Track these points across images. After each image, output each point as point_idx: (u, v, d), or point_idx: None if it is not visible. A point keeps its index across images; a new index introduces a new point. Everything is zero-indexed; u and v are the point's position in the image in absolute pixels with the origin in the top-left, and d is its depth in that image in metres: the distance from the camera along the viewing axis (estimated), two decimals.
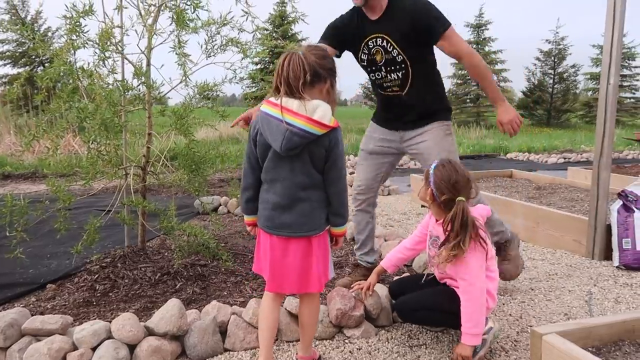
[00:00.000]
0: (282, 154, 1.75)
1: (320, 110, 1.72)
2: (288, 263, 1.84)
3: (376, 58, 2.59)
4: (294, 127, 1.70)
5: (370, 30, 2.53)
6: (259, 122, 1.79)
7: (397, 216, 5.08)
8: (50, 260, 3.56)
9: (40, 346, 1.94)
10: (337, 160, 1.81)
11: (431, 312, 2.15)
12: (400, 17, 2.45)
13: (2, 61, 16.93)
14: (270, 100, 1.79)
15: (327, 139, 1.75)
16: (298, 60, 1.72)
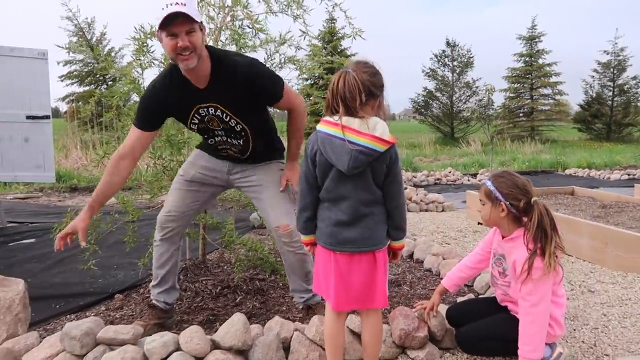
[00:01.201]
0: (348, 173, 1.76)
1: (380, 127, 1.73)
2: (352, 279, 1.83)
3: (212, 124, 2.34)
4: (359, 145, 1.71)
5: (199, 100, 2.23)
6: (318, 143, 1.80)
7: (453, 233, 4.96)
8: (117, 271, 3.72)
9: (113, 355, 2.01)
10: (397, 175, 1.83)
11: (495, 343, 2.09)
12: (231, 83, 2.18)
13: (70, 80, 18.05)
14: (328, 120, 1.79)
15: (388, 155, 1.77)
16: (353, 80, 1.73)
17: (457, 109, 22.24)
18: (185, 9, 1.99)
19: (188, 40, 2.03)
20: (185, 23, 2.01)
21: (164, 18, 1.98)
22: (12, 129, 5.53)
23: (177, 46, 2.03)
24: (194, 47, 2.05)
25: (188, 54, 2.05)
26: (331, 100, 1.77)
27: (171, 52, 2.06)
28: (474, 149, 15.96)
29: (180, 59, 2.07)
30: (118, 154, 2.29)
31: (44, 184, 8.59)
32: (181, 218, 2.52)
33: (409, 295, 3.07)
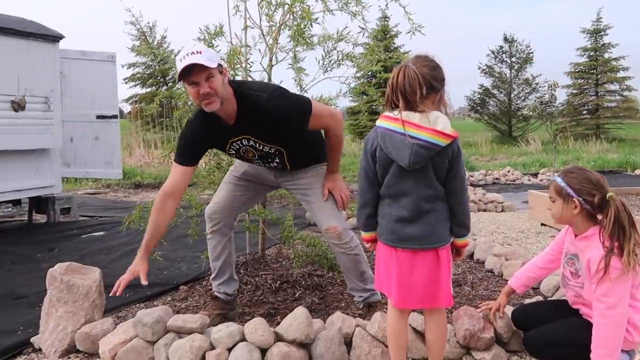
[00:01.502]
0: (409, 169, 1.73)
1: (441, 121, 1.70)
2: (415, 277, 1.80)
3: (248, 155, 2.43)
4: (420, 140, 1.68)
5: (232, 134, 2.33)
6: (378, 138, 1.78)
7: (515, 234, 4.80)
8: (181, 264, 3.87)
9: (183, 343, 2.10)
10: (460, 170, 1.79)
11: (566, 348, 1.97)
12: (257, 118, 2.24)
13: (133, 82, 18.93)
14: (388, 115, 1.77)
15: (450, 149, 1.73)
16: (413, 74, 1.71)
17: (515, 107, 21.45)
18: (200, 57, 2.08)
19: (208, 86, 2.12)
20: (203, 71, 2.10)
21: (181, 70, 2.08)
22: (83, 128, 5.88)
23: (200, 93, 2.13)
24: (215, 91, 2.14)
25: (211, 99, 2.14)
26: (391, 95, 1.76)
27: (196, 99, 2.17)
28: (534, 148, 15.33)
29: (205, 104, 2.16)
30: (163, 192, 2.37)
31: (111, 180, 9.06)
32: (228, 210, 2.59)
33: (470, 296, 3.00)
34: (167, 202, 2.34)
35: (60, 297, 2.33)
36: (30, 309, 2.95)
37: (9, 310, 2.96)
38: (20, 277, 3.63)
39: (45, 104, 5.25)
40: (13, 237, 5.05)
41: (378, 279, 1.96)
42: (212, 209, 2.59)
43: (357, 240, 2.49)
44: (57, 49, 5.39)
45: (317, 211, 2.50)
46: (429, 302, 1.84)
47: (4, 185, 5.04)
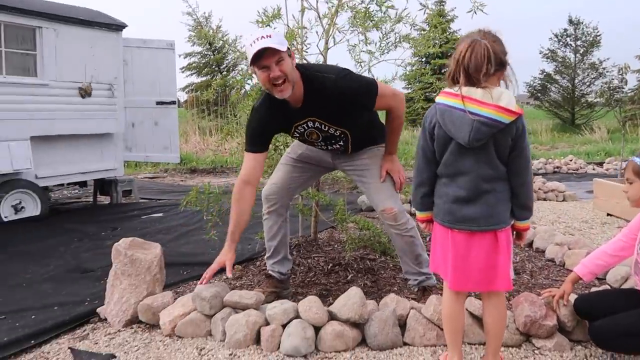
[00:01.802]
0: (468, 146, 1.67)
1: (505, 97, 1.63)
2: (471, 260, 1.74)
3: (312, 137, 2.44)
4: (481, 116, 1.61)
5: (298, 117, 2.34)
6: (437, 115, 1.73)
7: (578, 224, 4.57)
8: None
9: (239, 317, 2.15)
10: (524, 149, 1.71)
11: (638, 339, 1.86)
12: (325, 100, 2.24)
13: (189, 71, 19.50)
14: (448, 91, 1.71)
15: (514, 127, 1.66)
16: (484, 49, 1.63)
17: (579, 93, 20.30)
18: (270, 41, 2.08)
19: (279, 70, 2.12)
20: (274, 55, 2.10)
21: (253, 55, 2.08)
22: (144, 114, 6.11)
23: (270, 77, 2.13)
24: (285, 74, 2.14)
25: (281, 83, 2.14)
26: (455, 70, 1.68)
27: (266, 83, 2.17)
28: (599, 137, 14.48)
29: (276, 90, 2.17)
30: (240, 180, 2.41)
31: (168, 165, 9.40)
32: (285, 190, 2.61)
33: (529, 285, 2.88)
34: (245, 190, 2.39)
35: (124, 270, 2.44)
36: (96, 282, 3.11)
37: (77, 283, 3.13)
38: (86, 254, 3.84)
39: (109, 90, 5.50)
40: (79, 216, 5.34)
41: (433, 260, 1.91)
42: (270, 189, 2.61)
43: (413, 223, 2.44)
44: (120, 38, 5.62)
45: (373, 192, 2.48)
46: (486, 285, 1.78)
47: (72, 167, 5.35)
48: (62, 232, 4.56)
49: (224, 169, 9.37)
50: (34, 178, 5.00)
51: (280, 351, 2.07)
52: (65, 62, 5.11)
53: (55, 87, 5.06)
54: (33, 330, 2.38)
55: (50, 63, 5.01)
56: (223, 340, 2.17)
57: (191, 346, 2.18)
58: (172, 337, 2.27)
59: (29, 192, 4.93)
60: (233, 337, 2.11)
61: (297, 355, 2.04)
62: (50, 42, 4.99)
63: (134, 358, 2.11)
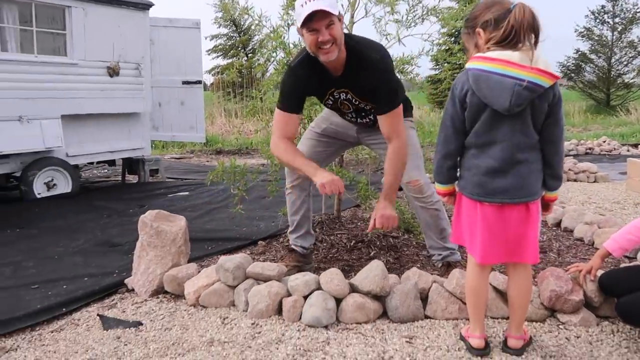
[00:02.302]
0: (507, 113, 1.60)
1: (542, 60, 1.58)
2: (502, 232, 1.70)
3: (344, 108, 2.42)
4: (522, 80, 1.55)
5: (334, 85, 2.30)
6: (470, 81, 1.64)
7: (609, 205, 4.43)
8: (259, 222, 3.99)
9: (261, 288, 2.17)
10: (561, 116, 1.67)
11: None
12: (361, 76, 2.21)
13: (215, 54, 19.60)
14: (482, 56, 1.63)
15: (552, 92, 1.61)
16: (530, 13, 1.58)
17: (616, 73, 19.53)
18: (322, 3, 2.02)
19: (328, 34, 2.07)
20: (325, 18, 2.05)
21: (304, 18, 2.02)
22: (170, 94, 6.18)
23: (319, 40, 2.07)
24: (335, 38, 2.09)
25: (329, 46, 2.09)
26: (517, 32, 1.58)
27: (313, 46, 2.12)
28: (635, 118, 13.95)
29: (322, 52, 2.11)
30: (277, 136, 2.34)
31: (194, 146, 9.52)
32: None
33: (556, 263, 2.82)
34: (287, 142, 2.33)
35: (150, 241, 2.49)
36: (124, 255, 3.19)
37: (106, 257, 3.22)
38: (115, 229, 3.94)
39: (136, 69, 5.57)
40: (108, 194, 5.48)
41: (457, 232, 1.87)
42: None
43: (438, 196, 2.41)
44: (147, 17, 5.66)
45: None
46: (515, 256, 1.75)
47: (101, 146, 5.47)
48: (91, 208, 4.69)
49: (249, 151, 9.44)
50: (65, 156, 5.13)
51: (302, 321, 2.09)
52: (93, 41, 5.20)
53: (84, 67, 5.15)
54: (64, 298, 2.46)
55: (79, 42, 5.10)
56: (245, 310, 2.20)
57: (215, 315, 2.22)
58: (196, 306, 2.32)
59: (60, 169, 5.07)
60: (255, 307, 2.14)
61: (318, 326, 2.06)
62: (79, 22, 5.07)
63: (159, 326, 2.16)
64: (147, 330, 2.14)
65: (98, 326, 2.20)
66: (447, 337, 1.97)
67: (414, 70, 3.40)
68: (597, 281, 2.07)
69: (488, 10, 1.65)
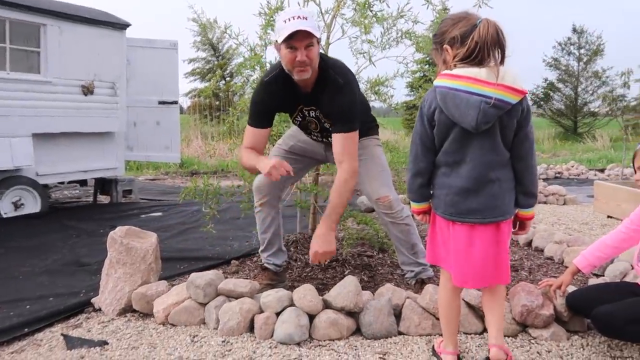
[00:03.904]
0: (474, 131, 1.58)
1: (509, 75, 1.55)
2: (474, 253, 1.67)
3: (311, 126, 2.47)
4: (488, 97, 1.53)
5: (305, 102, 2.36)
6: (438, 99, 1.62)
7: (577, 226, 4.54)
8: (232, 242, 3.94)
9: (233, 305, 2.14)
10: (530, 132, 1.64)
11: None
12: (325, 97, 2.27)
13: (193, 77, 19.62)
14: (448, 73, 1.60)
15: (520, 107, 1.59)
16: (498, 28, 1.57)
17: (582, 101, 20.28)
18: (307, 24, 2.07)
19: (306, 55, 2.11)
20: (306, 38, 2.10)
21: (287, 35, 2.05)
22: (146, 114, 6.13)
23: (296, 60, 2.11)
24: (311, 60, 2.14)
25: (304, 67, 2.14)
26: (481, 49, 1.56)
27: (289, 64, 2.16)
28: (601, 145, 14.43)
29: (297, 71, 2.16)
30: (245, 148, 2.38)
31: (169, 167, 9.41)
32: (276, 182, 2.53)
33: (527, 281, 2.84)
34: (250, 150, 2.36)
35: (119, 258, 2.43)
36: (92, 275, 3.10)
37: (73, 276, 3.13)
38: (84, 249, 3.82)
39: (112, 89, 5.52)
40: (79, 214, 5.34)
41: (432, 252, 1.83)
42: (261, 181, 2.57)
43: (409, 212, 2.43)
44: (124, 37, 5.65)
45: (366, 182, 2.46)
46: (489, 279, 1.71)
47: (73, 166, 5.35)
48: (60, 228, 4.56)
49: (225, 173, 9.37)
50: (34, 175, 5.00)
51: (274, 339, 2.05)
52: (68, 60, 5.14)
53: (58, 85, 5.08)
54: (27, 318, 2.37)
55: (54, 60, 5.03)
56: (216, 328, 2.15)
57: (184, 333, 2.16)
58: (165, 325, 2.26)
59: (29, 189, 4.93)
60: (226, 324, 2.10)
61: (290, 343, 2.02)
62: (54, 40, 5.02)
63: (125, 345, 2.09)
64: (112, 349, 2.07)
65: (61, 346, 2.12)
66: (420, 353, 1.96)
67: (388, 92, 3.47)
68: (565, 301, 2.08)
69: (455, 26, 1.64)
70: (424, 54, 3.92)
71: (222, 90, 16.55)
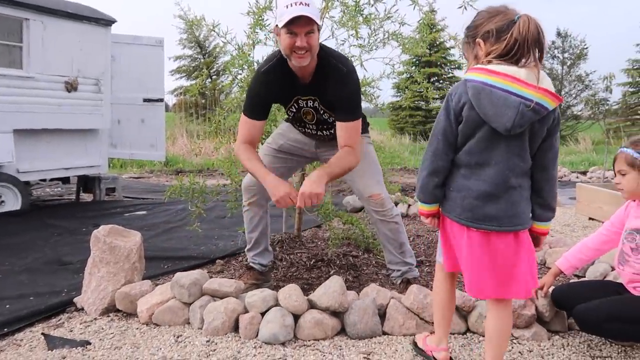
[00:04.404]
0: (506, 133, 1.47)
1: (547, 80, 1.47)
2: (490, 262, 1.56)
3: (307, 117, 2.42)
4: (527, 99, 1.43)
5: (302, 92, 2.32)
6: (470, 94, 1.50)
7: (560, 227, 4.60)
8: (217, 241, 3.92)
9: (217, 305, 2.12)
10: (557, 141, 1.57)
11: (628, 325, 1.85)
12: (327, 85, 2.25)
13: (179, 74, 19.47)
14: (485, 68, 1.49)
15: (553, 115, 1.51)
16: (536, 26, 1.46)
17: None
18: (309, 10, 2.05)
19: (306, 41, 2.09)
20: (307, 24, 2.07)
21: (288, 19, 2.03)
22: (130, 111, 6.06)
23: (295, 45, 2.09)
24: (311, 47, 2.11)
25: (303, 53, 2.10)
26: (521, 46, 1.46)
27: (287, 49, 2.12)
28: (584, 148, 14.70)
29: (295, 57, 2.12)
30: (241, 142, 2.35)
31: (153, 165, 9.33)
32: None
33: None
34: (248, 147, 2.34)
35: (102, 257, 2.40)
36: (75, 274, 3.05)
37: (55, 275, 3.08)
38: (66, 247, 3.77)
39: (96, 85, 5.44)
40: (61, 212, 5.26)
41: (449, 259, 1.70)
42: (250, 181, 2.55)
43: (398, 211, 2.45)
44: (109, 33, 5.58)
45: (357, 179, 2.46)
46: (504, 292, 1.60)
47: (55, 163, 5.27)
48: (42, 226, 4.48)
49: (211, 171, 9.32)
50: (15, 172, 4.91)
51: (259, 339, 2.05)
52: (51, 55, 5.06)
53: (40, 80, 4.99)
54: (6, 318, 2.32)
55: (37, 56, 4.95)
56: (201, 327, 2.14)
57: (168, 333, 2.14)
58: (149, 324, 2.23)
59: (9, 186, 4.84)
60: (211, 324, 2.09)
61: (275, 343, 2.02)
62: (37, 35, 4.93)
63: (108, 345, 2.07)
64: (95, 349, 2.04)
65: (42, 346, 2.08)
66: (404, 353, 1.97)
67: (375, 93, 3.49)
68: (550, 296, 2.13)
69: (490, 19, 1.54)
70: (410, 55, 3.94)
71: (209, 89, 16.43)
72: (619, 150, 1.99)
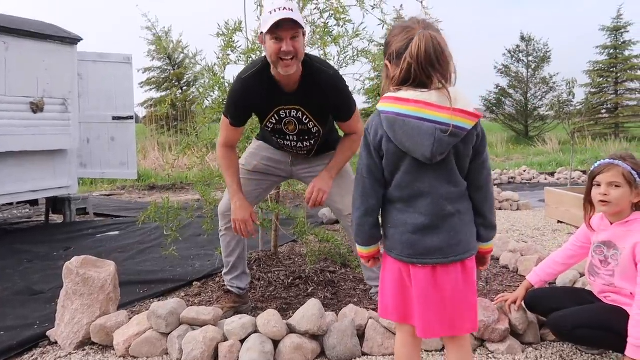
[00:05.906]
0: (428, 162, 1.39)
1: (461, 97, 1.37)
2: (438, 299, 1.44)
3: (288, 128, 2.38)
4: (443, 124, 1.34)
5: (285, 102, 2.29)
6: (385, 126, 1.41)
7: (530, 232, 4.73)
8: (194, 261, 3.89)
9: (196, 334, 2.11)
10: (487, 158, 1.47)
11: (596, 332, 1.92)
12: (315, 92, 2.25)
13: (148, 87, 19.19)
14: (393, 96, 1.39)
15: (475, 133, 1.41)
16: (439, 42, 1.35)
17: (532, 106, 21.21)
18: (293, 14, 2.05)
19: (292, 45, 2.08)
20: (292, 28, 2.06)
21: (273, 23, 2.02)
22: (100, 130, 5.96)
23: (281, 50, 2.07)
24: (296, 52, 2.10)
25: (290, 59, 2.09)
26: (413, 70, 1.35)
27: (274, 55, 2.10)
28: (551, 148, 15.12)
29: (282, 65, 2.10)
30: (222, 145, 2.41)
31: (125, 182, 9.17)
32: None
33: (484, 291, 2.96)
34: (229, 151, 2.42)
35: (76, 289, 2.36)
36: (47, 304, 2.98)
37: (25, 306, 2.99)
38: (36, 275, 3.67)
39: (63, 105, 5.33)
40: (30, 236, 5.12)
41: (385, 305, 1.56)
42: (226, 205, 2.53)
43: None
44: (75, 52, 5.47)
45: (336, 197, 2.46)
46: (457, 329, 1.48)
47: (22, 185, 5.13)
48: (10, 253, 4.35)
49: (184, 185, 9.21)
50: None
51: None
52: (15, 76, 4.93)
53: (4, 102, 4.86)
54: None
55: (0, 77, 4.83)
56: (179, 358, 2.12)
57: None
58: (126, 357, 2.20)
59: None
60: (190, 354, 2.07)
61: None
62: (0, 56, 4.82)
63: None
64: None
65: None
66: None
67: None
68: (523, 309, 2.20)
69: (395, 37, 1.42)
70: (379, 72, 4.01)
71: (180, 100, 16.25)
72: (609, 161, 1.95)
